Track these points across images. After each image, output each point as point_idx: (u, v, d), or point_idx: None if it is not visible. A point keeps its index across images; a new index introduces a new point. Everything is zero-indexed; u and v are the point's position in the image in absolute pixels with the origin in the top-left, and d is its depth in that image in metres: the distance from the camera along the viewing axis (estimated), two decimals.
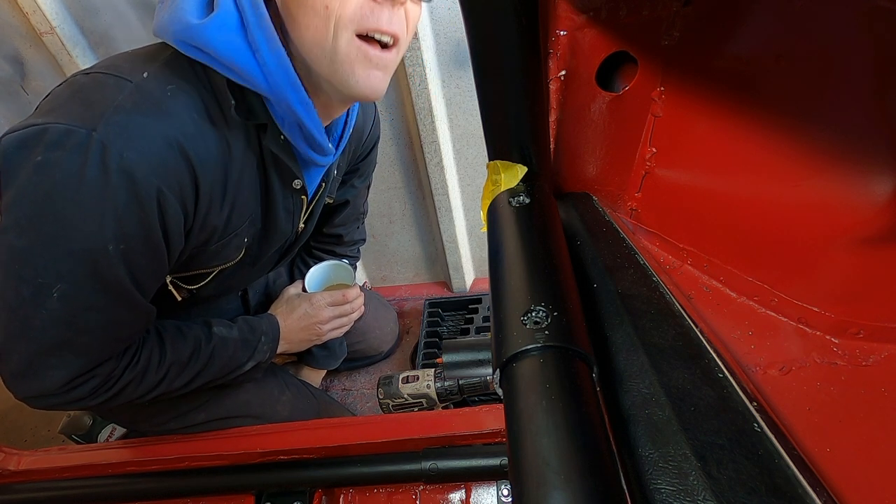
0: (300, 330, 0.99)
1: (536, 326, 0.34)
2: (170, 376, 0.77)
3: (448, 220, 1.34)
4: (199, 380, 0.82)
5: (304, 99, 0.65)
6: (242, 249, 0.79)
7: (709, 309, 0.47)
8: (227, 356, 0.84)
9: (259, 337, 0.90)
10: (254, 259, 0.84)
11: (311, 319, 0.99)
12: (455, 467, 0.75)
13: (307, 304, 1.00)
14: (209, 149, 0.63)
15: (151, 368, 0.74)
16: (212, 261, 0.77)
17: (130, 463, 0.84)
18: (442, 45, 1.05)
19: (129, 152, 0.55)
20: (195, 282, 0.80)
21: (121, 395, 0.72)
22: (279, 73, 0.61)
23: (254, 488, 0.80)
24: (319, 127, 0.70)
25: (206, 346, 0.82)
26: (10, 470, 0.86)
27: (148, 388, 0.75)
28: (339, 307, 1.03)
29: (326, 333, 1.03)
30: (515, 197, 0.50)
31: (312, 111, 0.67)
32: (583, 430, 0.28)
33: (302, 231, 0.91)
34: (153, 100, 0.58)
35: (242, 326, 0.89)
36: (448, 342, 0.74)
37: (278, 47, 0.60)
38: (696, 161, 0.47)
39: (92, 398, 0.69)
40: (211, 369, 0.82)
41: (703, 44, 0.41)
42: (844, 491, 0.30)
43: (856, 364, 0.38)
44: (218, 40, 0.58)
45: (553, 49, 0.49)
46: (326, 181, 0.87)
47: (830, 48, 0.33)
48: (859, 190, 0.35)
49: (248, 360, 0.89)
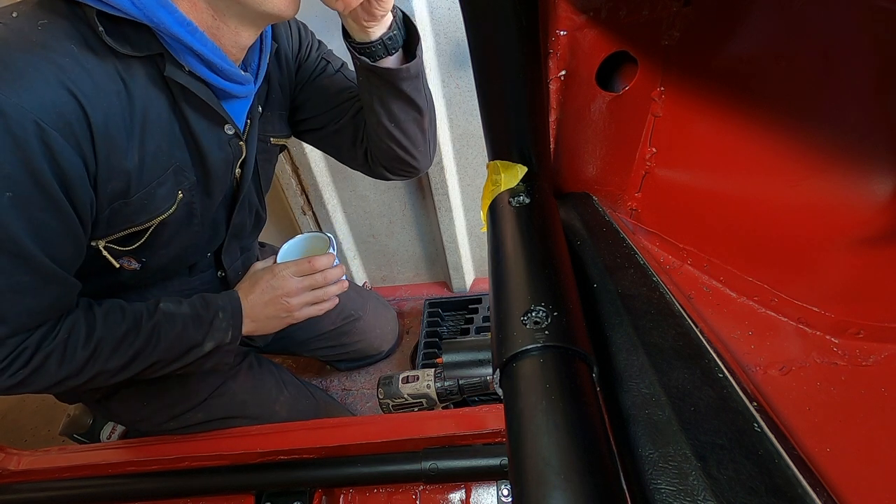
0: (264, 305, 0.88)
1: (536, 326, 0.34)
2: (101, 354, 0.70)
3: (448, 220, 1.34)
4: (143, 360, 0.74)
5: (183, 20, 0.59)
6: (174, 201, 0.71)
7: (709, 309, 0.47)
8: (175, 334, 0.76)
9: (215, 313, 0.81)
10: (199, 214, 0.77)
11: (275, 292, 0.88)
12: (455, 467, 0.75)
13: (269, 275, 0.89)
14: (95, 82, 0.57)
15: (75, 343, 0.67)
16: (139, 215, 0.69)
17: (130, 463, 0.84)
18: (442, 45, 1.05)
19: (2, 94, 0.51)
20: (130, 242, 0.72)
21: (41, 372, 0.65)
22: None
23: (254, 488, 0.80)
24: (214, 50, 0.63)
25: (147, 321, 0.74)
26: (10, 470, 0.86)
27: (75, 368, 0.68)
28: (309, 277, 0.91)
29: (299, 309, 0.91)
30: (515, 197, 0.50)
31: (198, 32, 0.61)
32: (583, 430, 0.28)
33: (241, 177, 0.81)
34: (22, 35, 0.54)
35: (195, 302, 0.81)
36: (448, 342, 0.74)
37: None
38: (696, 161, 0.47)
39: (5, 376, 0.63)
40: (157, 348, 0.74)
41: (703, 44, 0.41)
42: (844, 491, 0.30)
43: (856, 364, 0.38)
44: None
45: (553, 49, 0.49)
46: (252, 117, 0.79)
47: (830, 48, 0.33)
48: (859, 190, 0.35)
49: (205, 339, 0.79)
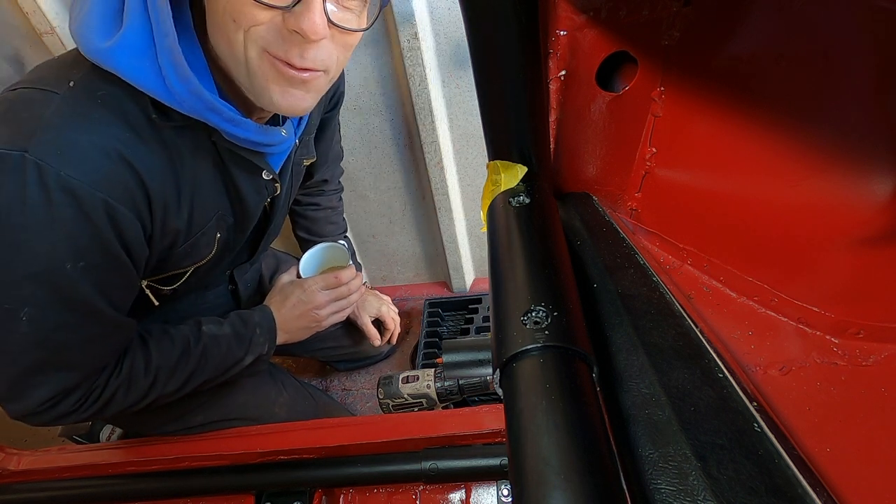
0: (296, 318, 0.96)
1: (536, 326, 0.34)
2: (160, 381, 0.75)
3: (448, 220, 1.34)
4: (195, 381, 0.80)
5: (231, 117, 0.61)
6: (214, 245, 0.77)
7: (709, 309, 0.47)
8: (221, 354, 0.82)
9: (253, 330, 0.88)
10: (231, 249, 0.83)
11: (305, 306, 0.96)
12: (455, 467, 0.75)
13: (300, 290, 0.97)
14: (152, 151, 0.60)
15: (137, 375, 0.73)
16: (183, 261, 0.75)
17: (130, 463, 0.84)
18: (442, 45, 1.05)
19: (66, 169, 0.53)
20: (172, 282, 0.78)
21: (111, 404, 0.71)
22: (192, 101, 0.57)
23: (254, 488, 0.80)
24: (259, 133, 0.66)
25: (196, 346, 0.80)
26: (10, 470, 0.86)
27: (139, 395, 0.74)
28: (335, 290, 0.99)
29: (326, 319, 0.99)
30: (515, 197, 0.50)
31: (243, 124, 0.63)
32: (583, 430, 0.28)
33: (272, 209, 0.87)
34: (83, 110, 0.56)
35: (234, 321, 0.87)
36: (448, 342, 0.74)
37: (187, 76, 0.55)
38: (696, 161, 0.47)
39: (80, 412, 0.68)
40: (206, 369, 0.81)
41: (703, 44, 0.41)
42: (844, 491, 0.30)
43: (856, 364, 0.38)
44: (126, 66, 0.54)
45: (553, 49, 0.49)
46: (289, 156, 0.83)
47: (830, 48, 0.33)
48: (859, 190, 0.35)
49: (246, 354, 0.86)
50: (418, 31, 0.99)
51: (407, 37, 1.00)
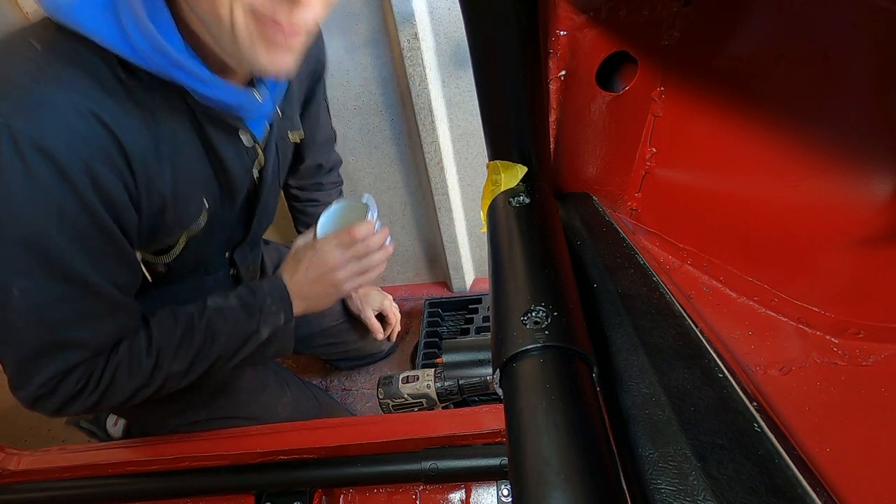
0: (311, 283, 0.87)
1: (536, 326, 0.34)
2: (164, 360, 0.72)
3: (448, 220, 1.34)
4: (204, 360, 0.76)
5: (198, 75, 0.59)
6: (203, 212, 0.74)
7: (709, 309, 0.47)
8: (230, 327, 0.78)
9: (263, 299, 0.81)
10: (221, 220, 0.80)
11: (320, 269, 0.87)
12: (455, 467, 0.75)
13: (311, 251, 0.88)
14: (126, 111, 0.58)
15: (139, 353, 0.70)
16: (174, 229, 0.72)
17: (130, 463, 0.84)
18: (442, 45, 1.05)
19: (40, 131, 0.52)
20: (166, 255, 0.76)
21: (114, 387, 0.69)
22: (156, 57, 0.55)
23: (254, 488, 0.80)
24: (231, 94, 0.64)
25: (200, 320, 0.76)
26: (10, 470, 0.86)
27: (144, 378, 0.71)
28: (351, 248, 0.88)
29: (345, 282, 0.89)
30: (515, 197, 0.50)
31: (212, 81, 0.61)
32: (583, 430, 0.28)
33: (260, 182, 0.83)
34: (51, 70, 0.54)
35: (241, 292, 0.81)
36: (448, 342, 0.74)
37: (149, 31, 0.54)
38: (696, 161, 0.47)
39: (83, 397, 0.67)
40: (215, 344, 0.76)
41: (703, 44, 0.41)
42: (844, 491, 0.30)
43: (856, 364, 0.38)
44: (88, 21, 0.53)
45: (553, 49, 0.49)
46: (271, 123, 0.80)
47: (830, 48, 0.33)
48: (859, 190, 0.35)
49: (259, 326, 0.80)
50: (418, 31, 0.99)
51: (407, 37, 1.00)
